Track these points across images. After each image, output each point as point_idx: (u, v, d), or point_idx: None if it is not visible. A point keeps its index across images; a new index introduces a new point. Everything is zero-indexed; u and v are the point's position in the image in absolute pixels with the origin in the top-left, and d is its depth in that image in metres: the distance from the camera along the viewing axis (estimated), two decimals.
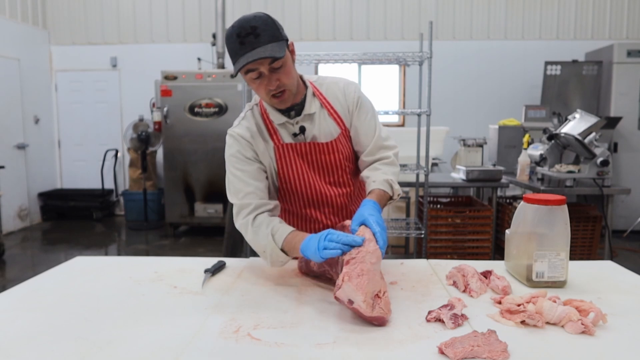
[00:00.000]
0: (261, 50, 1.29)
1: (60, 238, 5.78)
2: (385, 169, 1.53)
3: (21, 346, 1.01)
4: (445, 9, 6.42)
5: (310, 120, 1.51)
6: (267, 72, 1.34)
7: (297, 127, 1.50)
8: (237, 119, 1.58)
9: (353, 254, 1.17)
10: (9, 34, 6.00)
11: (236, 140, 1.50)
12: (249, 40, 1.29)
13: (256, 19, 1.32)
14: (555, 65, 5.78)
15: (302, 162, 1.52)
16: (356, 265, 1.14)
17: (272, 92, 1.38)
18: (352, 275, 1.12)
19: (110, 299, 1.28)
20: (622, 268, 1.58)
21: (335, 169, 1.56)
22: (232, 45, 1.32)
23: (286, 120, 1.49)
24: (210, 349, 0.99)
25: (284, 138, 1.51)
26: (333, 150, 1.53)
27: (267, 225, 1.40)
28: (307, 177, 1.54)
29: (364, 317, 1.11)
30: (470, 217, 3.83)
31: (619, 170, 5.55)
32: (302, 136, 1.51)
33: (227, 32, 1.33)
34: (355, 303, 1.10)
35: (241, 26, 1.30)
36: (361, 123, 1.56)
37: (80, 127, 6.87)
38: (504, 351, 0.95)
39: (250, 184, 1.46)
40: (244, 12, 6.46)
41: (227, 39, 1.34)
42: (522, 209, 1.40)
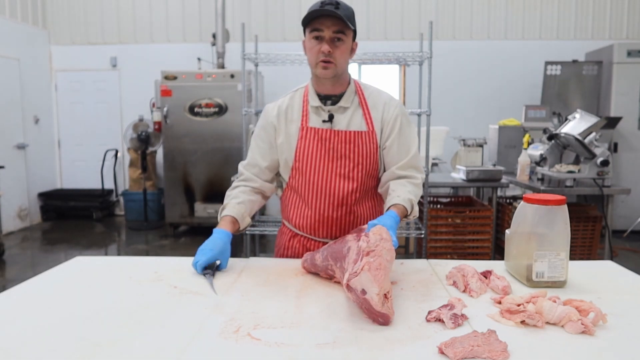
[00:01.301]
0: (337, 16, 1.45)
1: (60, 238, 5.78)
2: (411, 188, 1.59)
3: (21, 346, 1.01)
4: (445, 9, 6.42)
5: (342, 112, 1.61)
6: (328, 38, 1.49)
7: (327, 114, 1.59)
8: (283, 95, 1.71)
9: (372, 246, 1.15)
10: (9, 34, 6.00)
11: (264, 114, 1.68)
12: (329, 7, 1.45)
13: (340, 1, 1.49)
14: (555, 65, 5.78)
15: (320, 147, 1.59)
16: (376, 258, 1.13)
17: (322, 58, 1.50)
18: (372, 267, 1.11)
19: (110, 299, 1.28)
20: (622, 268, 1.58)
21: (348, 161, 1.59)
22: (312, 7, 1.47)
23: (320, 105, 1.60)
24: (210, 349, 0.99)
25: (313, 122, 1.61)
26: (352, 140, 1.59)
27: (231, 198, 1.64)
28: (319, 162, 1.60)
29: (372, 310, 1.09)
30: (470, 217, 3.83)
31: (619, 170, 5.55)
32: (329, 124, 1.60)
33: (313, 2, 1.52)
34: (368, 294, 1.09)
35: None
36: (402, 140, 1.62)
37: (80, 127, 6.87)
38: (504, 351, 0.95)
39: (256, 159, 1.67)
40: (244, 12, 6.50)
41: (311, 6, 1.49)
42: (522, 209, 1.40)
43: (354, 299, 1.14)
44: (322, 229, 1.65)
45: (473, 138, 5.20)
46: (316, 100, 1.61)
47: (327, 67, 1.52)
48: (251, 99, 5.10)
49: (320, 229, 1.65)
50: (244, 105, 4.54)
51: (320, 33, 1.49)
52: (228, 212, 1.60)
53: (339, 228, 1.64)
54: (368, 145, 1.60)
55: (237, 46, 5.31)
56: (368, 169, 1.62)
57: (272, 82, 6.34)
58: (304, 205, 1.66)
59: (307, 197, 1.64)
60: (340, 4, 1.47)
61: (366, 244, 1.16)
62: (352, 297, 1.15)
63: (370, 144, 1.60)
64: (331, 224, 1.64)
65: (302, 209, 1.66)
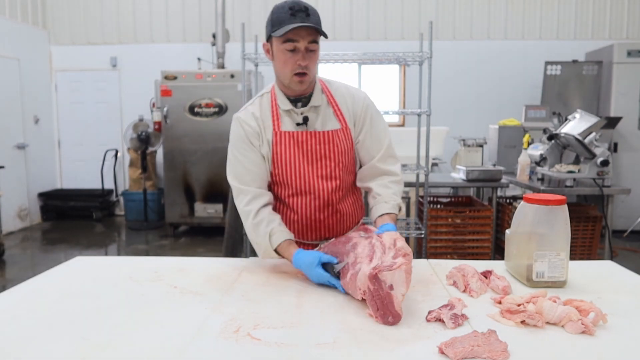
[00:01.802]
0: (310, 27, 1.42)
1: (60, 238, 5.78)
2: (395, 188, 1.61)
3: (21, 346, 1.01)
4: (445, 9, 6.42)
5: (315, 112, 1.57)
6: (303, 49, 1.45)
7: (301, 116, 1.56)
8: (246, 104, 1.65)
9: (407, 249, 1.19)
10: (9, 34, 5.99)
11: (241, 125, 1.58)
12: (301, 15, 1.41)
13: (309, 5, 1.46)
14: (556, 65, 5.78)
15: (297, 151, 1.56)
16: (409, 261, 1.16)
17: (298, 70, 1.46)
18: (407, 268, 1.15)
19: (110, 299, 1.28)
20: (622, 268, 1.58)
21: (328, 161, 1.58)
22: (280, 14, 1.42)
23: (292, 108, 1.56)
24: (210, 349, 0.99)
25: (286, 126, 1.56)
26: (329, 140, 1.57)
27: (267, 225, 1.51)
28: (299, 166, 1.57)
29: (390, 308, 1.11)
30: (470, 217, 3.83)
31: (619, 170, 5.55)
32: (304, 126, 1.56)
33: (277, 5, 1.45)
34: (394, 291, 1.12)
35: (295, 2, 1.43)
36: (374, 131, 1.62)
37: (80, 127, 6.87)
38: (504, 351, 0.95)
39: (251, 171, 1.56)
40: (244, 12, 6.50)
41: (275, 10, 1.44)
42: (522, 209, 1.40)
43: (373, 290, 1.14)
44: (310, 233, 1.65)
45: (473, 138, 5.20)
46: (287, 103, 1.56)
47: (302, 80, 1.49)
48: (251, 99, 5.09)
49: (309, 232, 1.65)
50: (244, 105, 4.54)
51: (295, 44, 1.43)
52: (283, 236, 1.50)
53: (326, 229, 1.64)
54: (344, 142, 1.58)
55: (237, 46, 5.31)
56: (347, 165, 1.61)
57: (272, 82, 6.31)
58: (289, 211, 1.63)
59: (291, 203, 1.62)
60: (309, 9, 1.44)
61: (401, 244, 1.21)
62: (370, 288, 1.15)
63: (346, 140, 1.59)
64: (319, 226, 1.63)
65: (288, 214, 1.64)
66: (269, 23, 1.47)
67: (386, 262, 1.16)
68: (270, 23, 1.46)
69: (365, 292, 1.17)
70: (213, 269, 1.54)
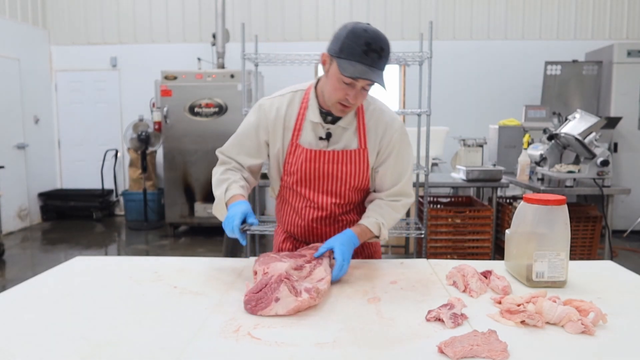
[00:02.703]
0: (378, 73, 1.36)
1: (60, 238, 5.78)
2: (387, 211, 1.57)
3: (21, 346, 1.01)
4: (445, 9, 6.42)
5: (340, 131, 1.54)
6: (359, 88, 1.40)
7: (326, 131, 1.53)
8: (280, 91, 1.60)
9: (318, 291, 1.24)
10: (9, 34, 5.99)
11: (260, 112, 1.57)
12: (373, 57, 1.34)
13: (386, 42, 1.37)
14: (555, 65, 5.78)
15: (307, 166, 1.54)
16: (306, 301, 1.20)
17: (345, 103, 1.43)
18: (300, 305, 1.18)
19: (110, 299, 1.28)
20: (622, 268, 1.58)
21: (335, 180, 1.56)
22: (354, 46, 1.34)
23: (320, 122, 1.52)
24: (210, 349, 0.99)
25: (306, 136, 1.54)
26: (343, 160, 1.54)
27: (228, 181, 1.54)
28: (306, 179, 1.57)
29: (260, 303, 1.17)
30: (470, 217, 3.83)
31: (619, 170, 5.55)
32: (325, 142, 1.53)
33: (354, 30, 1.35)
34: (275, 303, 1.17)
35: (374, 38, 1.34)
36: (395, 168, 1.57)
37: (80, 127, 6.87)
38: (504, 351, 0.95)
39: (241, 156, 1.60)
40: (244, 12, 6.50)
41: (351, 35, 1.35)
42: (522, 209, 1.40)
43: (269, 282, 1.21)
44: (311, 236, 1.68)
45: (473, 138, 5.20)
46: (317, 116, 1.52)
47: (345, 111, 1.47)
48: (251, 99, 5.10)
49: (310, 236, 1.68)
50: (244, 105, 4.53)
51: (353, 82, 1.38)
52: (236, 191, 1.52)
53: (327, 235, 1.64)
54: (357, 164, 1.54)
55: (237, 46, 5.31)
56: (355, 185, 1.58)
57: (272, 82, 6.34)
58: (293, 213, 1.66)
59: (296, 207, 1.64)
60: (384, 50, 1.35)
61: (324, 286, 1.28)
62: (270, 278, 1.23)
63: (360, 162, 1.54)
64: (320, 232, 1.66)
65: (292, 216, 1.67)
66: (337, 42, 1.37)
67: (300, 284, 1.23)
68: (339, 44, 1.36)
69: (268, 274, 1.24)
70: (213, 269, 1.54)
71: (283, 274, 1.23)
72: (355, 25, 1.36)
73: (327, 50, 1.42)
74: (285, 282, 1.19)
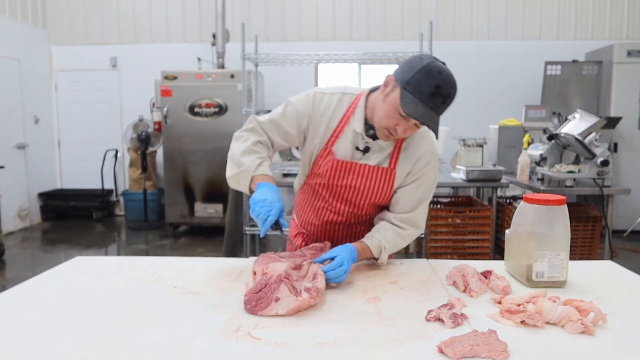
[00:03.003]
0: (436, 118, 1.34)
1: (60, 238, 5.78)
2: (392, 236, 1.53)
3: (21, 346, 1.01)
4: (445, 9, 6.42)
5: (377, 147, 1.50)
6: (411, 124, 1.37)
7: (364, 144, 1.50)
8: (331, 87, 1.56)
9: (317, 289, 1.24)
10: (9, 34, 5.99)
11: (312, 102, 1.52)
12: (438, 101, 1.31)
13: (455, 89, 1.34)
14: (555, 65, 5.78)
15: (334, 174, 1.53)
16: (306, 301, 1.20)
17: (392, 132, 1.40)
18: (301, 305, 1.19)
19: (110, 299, 1.28)
20: (622, 268, 1.58)
21: (357, 192, 1.54)
22: (423, 84, 1.29)
23: (362, 134, 1.48)
24: (210, 349, 0.99)
25: (343, 143, 1.50)
26: (369, 175, 1.51)
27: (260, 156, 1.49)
28: (329, 186, 1.56)
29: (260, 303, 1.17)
30: (470, 217, 3.83)
31: (619, 170, 5.55)
32: (360, 154, 1.51)
33: (430, 68, 1.30)
34: (275, 303, 1.17)
35: (446, 83, 1.31)
36: (415, 194, 1.53)
37: (80, 127, 6.87)
38: (504, 351, 0.95)
39: (274, 133, 1.54)
40: (244, 12, 6.50)
41: (424, 72, 1.30)
42: (522, 209, 1.40)
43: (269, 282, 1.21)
44: (323, 237, 1.68)
45: (473, 138, 5.20)
46: (361, 126, 1.48)
47: (389, 138, 1.44)
48: (251, 99, 5.09)
49: (322, 236, 1.68)
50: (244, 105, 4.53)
51: (408, 119, 1.35)
52: (269, 172, 1.48)
53: (340, 239, 1.66)
54: (383, 182, 1.52)
55: (237, 46, 5.31)
56: (376, 201, 1.56)
57: (272, 82, 6.34)
58: (310, 211, 1.66)
59: (314, 205, 1.64)
60: (450, 97, 1.32)
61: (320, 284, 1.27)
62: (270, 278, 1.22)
63: (387, 181, 1.52)
64: (332, 235, 1.66)
65: (309, 214, 1.67)
66: (408, 72, 1.32)
67: (300, 284, 1.23)
68: (409, 76, 1.31)
69: (267, 274, 1.24)
70: (213, 269, 1.54)
71: (283, 274, 1.23)
72: (432, 63, 1.31)
73: (394, 74, 1.38)
74: (285, 282, 1.19)
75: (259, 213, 1.36)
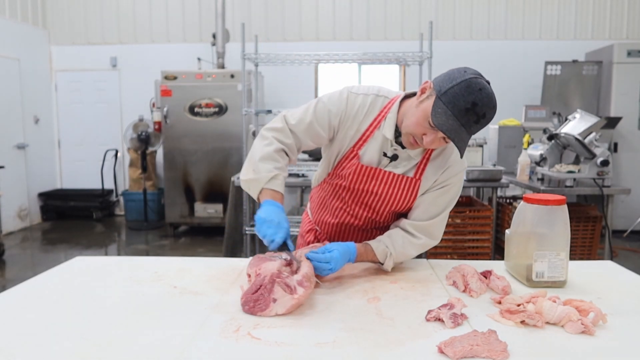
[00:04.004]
0: (465, 137, 1.27)
1: (60, 238, 5.78)
2: (401, 244, 1.49)
3: (21, 346, 1.01)
4: (445, 9, 6.42)
5: (405, 156, 1.46)
6: (440, 137, 1.31)
7: (392, 152, 1.45)
8: (365, 87, 1.50)
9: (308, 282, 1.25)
10: (9, 34, 5.99)
11: (345, 102, 1.47)
12: (471, 118, 1.24)
13: (492, 111, 1.26)
14: (555, 65, 5.78)
15: (357, 179, 1.49)
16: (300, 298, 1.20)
17: (418, 140, 1.35)
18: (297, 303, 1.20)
19: (110, 299, 1.28)
20: (622, 268, 1.59)
21: (379, 198, 1.51)
22: (461, 100, 1.23)
23: (391, 140, 1.43)
24: (210, 349, 0.99)
25: (371, 147, 1.46)
26: (392, 183, 1.47)
27: (277, 167, 1.45)
28: (350, 190, 1.53)
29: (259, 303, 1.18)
30: (470, 217, 3.83)
31: (619, 170, 5.55)
32: (386, 161, 1.47)
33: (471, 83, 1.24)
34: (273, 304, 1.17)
35: (484, 102, 1.24)
36: (435, 203, 1.49)
37: (80, 127, 6.87)
38: (504, 351, 0.95)
39: (302, 135, 1.48)
40: (244, 12, 6.50)
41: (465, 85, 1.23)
42: (522, 209, 1.40)
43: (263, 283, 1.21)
44: (336, 237, 1.66)
45: (473, 138, 5.20)
46: (391, 132, 1.42)
47: (413, 146, 1.38)
48: (251, 99, 5.10)
49: (336, 236, 1.66)
50: (244, 105, 4.54)
51: (436, 131, 1.30)
52: (280, 188, 1.44)
53: (353, 241, 1.63)
54: (407, 192, 1.48)
55: (237, 46, 5.31)
56: (397, 209, 1.52)
57: (272, 82, 6.34)
58: (327, 210, 1.64)
59: (332, 206, 1.61)
60: (485, 116, 1.25)
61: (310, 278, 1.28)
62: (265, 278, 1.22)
63: (410, 191, 1.48)
64: (346, 236, 1.65)
65: (325, 213, 1.65)
66: (448, 82, 1.25)
67: (292, 280, 1.22)
68: (448, 86, 1.25)
69: (260, 275, 1.24)
70: (213, 269, 1.54)
71: (275, 274, 1.23)
72: (475, 79, 1.25)
73: (432, 81, 1.32)
74: (278, 282, 1.19)
75: (264, 234, 1.35)
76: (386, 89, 1.51)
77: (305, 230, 1.76)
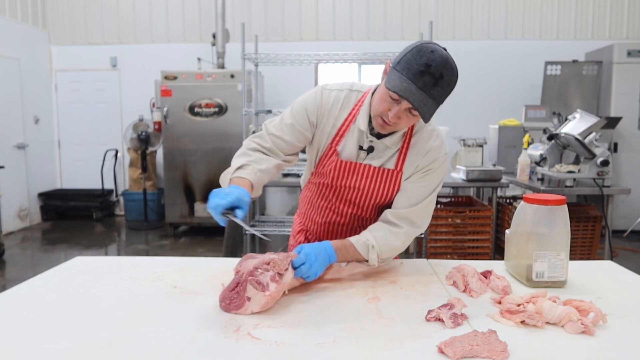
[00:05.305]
0: (422, 98, 1.23)
1: (60, 238, 5.78)
2: (382, 234, 1.44)
3: (21, 346, 1.01)
4: (445, 9, 6.42)
5: (382, 147, 1.45)
6: (402, 109, 1.29)
7: (368, 143, 1.45)
8: (338, 83, 1.52)
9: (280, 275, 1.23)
10: (9, 34, 6.00)
11: (316, 98, 1.48)
12: (427, 80, 1.22)
13: (450, 71, 1.24)
14: (555, 65, 5.78)
15: (338, 175, 1.49)
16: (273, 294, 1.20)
17: (385, 119, 1.32)
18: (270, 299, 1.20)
19: (110, 299, 1.28)
20: (622, 268, 1.58)
21: (361, 193, 1.51)
22: (412, 62, 1.23)
23: (366, 132, 1.43)
24: (210, 349, 0.99)
25: (348, 142, 1.47)
26: (373, 176, 1.47)
27: (249, 158, 1.47)
28: (333, 187, 1.53)
29: (235, 301, 1.18)
30: (470, 217, 3.83)
31: (619, 170, 5.55)
32: (364, 154, 1.46)
33: (421, 47, 1.24)
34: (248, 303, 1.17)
35: (438, 62, 1.22)
36: (416, 187, 1.45)
37: (80, 127, 6.87)
38: (504, 351, 0.95)
39: (285, 135, 1.49)
40: (244, 12, 6.50)
41: (415, 51, 1.24)
42: (522, 209, 1.40)
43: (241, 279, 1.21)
44: (325, 236, 1.67)
45: (473, 138, 5.20)
46: (365, 124, 1.42)
47: (384, 127, 1.36)
48: (251, 99, 5.10)
49: (324, 235, 1.67)
50: (244, 105, 4.54)
51: (398, 102, 1.28)
52: (247, 175, 1.42)
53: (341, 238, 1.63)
54: (388, 184, 1.47)
55: (237, 46, 5.31)
56: (380, 202, 1.52)
57: (272, 82, 6.34)
58: (314, 210, 1.65)
59: (318, 205, 1.62)
60: (443, 79, 1.22)
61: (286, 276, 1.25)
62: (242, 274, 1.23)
63: (392, 183, 1.46)
64: (335, 235, 1.65)
65: (312, 213, 1.66)
66: (401, 54, 1.27)
67: (265, 276, 1.21)
68: (401, 56, 1.26)
69: (239, 272, 1.24)
70: (213, 269, 1.54)
71: (249, 271, 1.22)
72: (426, 44, 1.25)
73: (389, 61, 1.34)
74: (250, 280, 1.18)
75: (209, 204, 1.33)
76: (359, 84, 1.52)
77: (296, 231, 1.77)
